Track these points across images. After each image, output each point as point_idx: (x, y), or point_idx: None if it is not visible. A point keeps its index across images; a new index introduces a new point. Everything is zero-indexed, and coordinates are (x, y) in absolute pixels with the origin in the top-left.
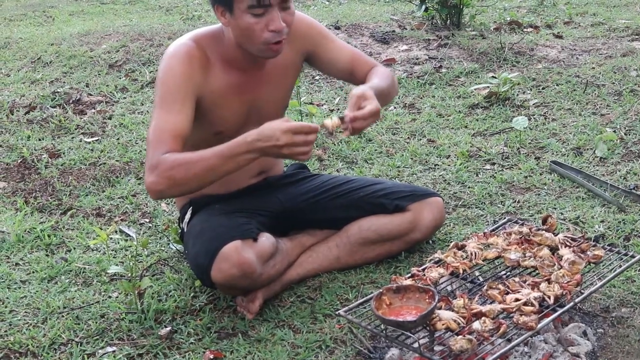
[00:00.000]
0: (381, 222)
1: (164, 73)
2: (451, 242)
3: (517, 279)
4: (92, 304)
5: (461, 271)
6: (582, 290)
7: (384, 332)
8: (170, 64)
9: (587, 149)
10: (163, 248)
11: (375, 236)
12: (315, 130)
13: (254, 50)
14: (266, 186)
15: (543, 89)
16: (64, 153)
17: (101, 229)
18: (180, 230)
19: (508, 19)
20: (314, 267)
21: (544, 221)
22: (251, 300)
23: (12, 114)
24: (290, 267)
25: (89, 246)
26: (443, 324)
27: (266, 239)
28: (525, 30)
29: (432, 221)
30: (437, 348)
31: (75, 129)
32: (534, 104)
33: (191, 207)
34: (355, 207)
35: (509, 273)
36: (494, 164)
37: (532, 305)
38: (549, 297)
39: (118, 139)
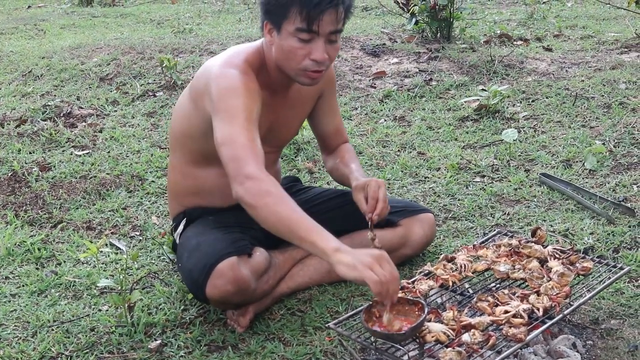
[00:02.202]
0: None
1: (238, 87)
2: (441, 254)
3: (506, 291)
4: (82, 317)
5: (451, 283)
6: (571, 302)
7: (374, 344)
8: (244, 80)
9: (577, 162)
10: (153, 261)
11: None
12: (397, 285)
13: (291, 73)
14: None
15: (533, 101)
16: (54, 166)
17: (91, 242)
18: (172, 240)
19: (498, 32)
20: (305, 281)
21: (534, 233)
22: (242, 314)
23: (3, 127)
24: (282, 280)
25: (79, 259)
26: (432, 336)
27: (260, 254)
28: (515, 43)
29: (422, 237)
30: None
31: (66, 142)
32: (523, 117)
33: (185, 218)
34: (347, 221)
35: (498, 285)
36: (483, 176)
37: (522, 317)
38: (538, 309)
39: (109, 152)
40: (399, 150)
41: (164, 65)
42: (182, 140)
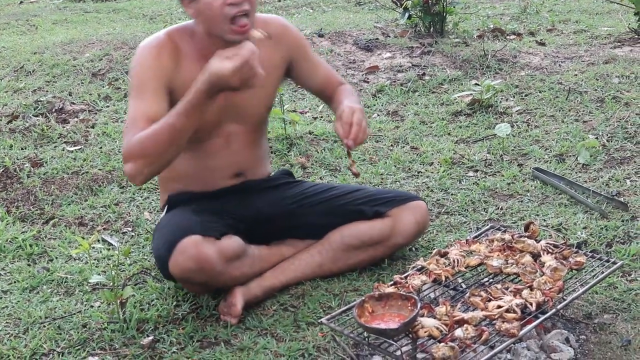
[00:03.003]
0: (362, 228)
1: (135, 65)
2: (434, 249)
3: (499, 286)
4: (74, 313)
5: (444, 278)
6: (564, 297)
7: (367, 339)
8: (141, 56)
9: (570, 156)
10: (146, 257)
11: (357, 242)
12: (252, 51)
13: (221, 34)
14: (244, 190)
15: (526, 96)
16: (46, 162)
17: (83, 238)
18: None
19: (491, 26)
20: (297, 275)
21: (527, 228)
22: (232, 304)
23: None
24: (272, 274)
25: (71, 255)
26: (425, 332)
27: (232, 240)
28: (508, 37)
29: (413, 225)
30: (420, 355)
31: (58, 138)
32: (516, 111)
33: (167, 205)
34: (335, 214)
35: (491, 280)
36: (477, 171)
37: (515, 312)
38: (531, 304)
39: (101, 147)
40: (392, 145)
41: None
42: None
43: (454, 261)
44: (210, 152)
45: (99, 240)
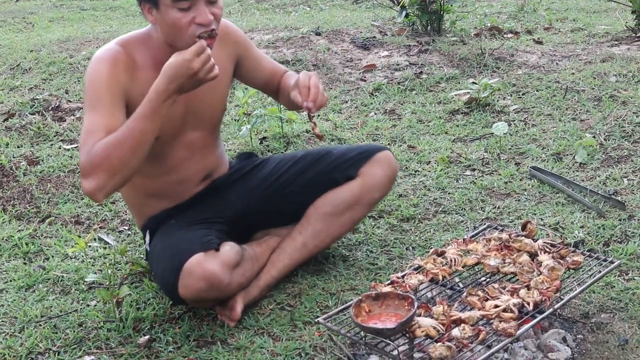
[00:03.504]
0: (335, 193)
1: (90, 78)
2: (431, 248)
3: (496, 286)
4: (70, 312)
5: (441, 278)
6: (562, 297)
7: (364, 339)
8: (95, 68)
9: (567, 155)
10: (142, 256)
11: (333, 208)
12: (203, 44)
13: (183, 47)
14: (215, 190)
15: (523, 94)
16: (42, 160)
17: (80, 236)
18: (145, 251)
19: (488, 24)
20: (286, 263)
21: (524, 227)
22: (232, 308)
23: None
24: (264, 271)
25: (67, 254)
26: (422, 331)
27: (230, 248)
28: (505, 36)
29: (384, 177)
30: (417, 355)
31: (55, 136)
32: (514, 110)
33: (148, 229)
34: (309, 189)
35: (488, 279)
36: (474, 169)
37: (512, 311)
38: (529, 304)
39: None
40: (389, 144)
41: None
42: None
43: (451, 260)
44: (176, 165)
45: (95, 239)
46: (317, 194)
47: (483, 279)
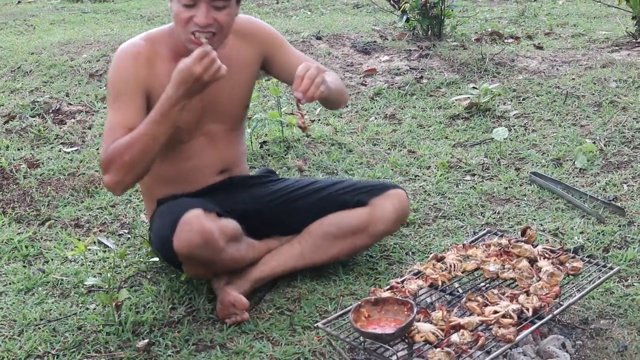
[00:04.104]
0: (342, 215)
1: (112, 73)
2: (430, 253)
3: (495, 291)
4: (69, 315)
5: (440, 283)
6: (561, 302)
7: (363, 344)
8: (116, 64)
9: (567, 160)
10: (141, 259)
11: (337, 230)
12: (209, 48)
13: (183, 40)
14: (231, 185)
15: (523, 99)
16: (42, 163)
17: (79, 240)
18: (149, 236)
19: (489, 29)
20: (279, 265)
21: (523, 233)
22: (236, 299)
23: None
24: (255, 266)
25: (66, 257)
26: (421, 337)
27: (231, 221)
28: (506, 41)
29: (393, 212)
30: None
31: (55, 139)
32: (514, 115)
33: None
34: (318, 207)
35: (488, 285)
36: (474, 175)
37: (511, 317)
38: (528, 309)
39: (97, 149)
40: (389, 149)
41: None
42: None
43: (450, 266)
44: (194, 152)
45: (95, 242)
46: (324, 213)
47: (482, 284)
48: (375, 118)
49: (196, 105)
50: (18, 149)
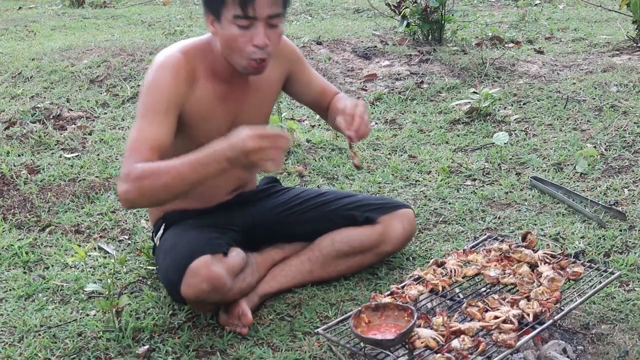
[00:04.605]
0: (353, 234)
1: (151, 83)
2: (431, 258)
3: (496, 297)
4: (70, 322)
5: (441, 288)
6: (562, 308)
7: (363, 350)
8: (158, 74)
9: (568, 165)
10: (142, 265)
11: (348, 248)
12: (283, 136)
13: (237, 65)
14: (240, 202)
15: (524, 104)
16: (43, 169)
17: (80, 246)
18: (152, 245)
19: (490, 34)
20: (287, 281)
21: (524, 238)
22: (243, 313)
23: None
24: (264, 280)
25: (67, 263)
26: (422, 342)
27: (236, 254)
28: (506, 45)
29: (402, 233)
30: None
31: (55, 145)
32: (515, 120)
33: (164, 223)
34: (326, 220)
35: (488, 290)
36: (474, 179)
37: (512, 322)
38: (528, 315)
39: (98, 154)
40: (389, 153)
41: None
42: None
43: (451, 271)
44: None
45: (95, 248)
46: (332, 226)
47: (483, 289)
48: (376, 123)
49: (225, 123)
50: (18, 155)
